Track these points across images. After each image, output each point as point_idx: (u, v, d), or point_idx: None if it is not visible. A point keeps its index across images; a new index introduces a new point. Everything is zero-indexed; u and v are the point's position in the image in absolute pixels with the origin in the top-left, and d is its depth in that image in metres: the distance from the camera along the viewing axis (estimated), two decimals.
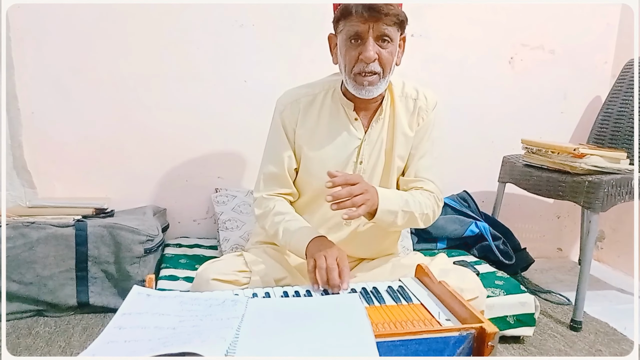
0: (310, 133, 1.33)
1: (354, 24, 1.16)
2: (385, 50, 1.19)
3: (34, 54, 1.89)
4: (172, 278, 1.67)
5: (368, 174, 1.34)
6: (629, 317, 1.90)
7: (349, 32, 1.18)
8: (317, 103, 1.34)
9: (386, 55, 1.19)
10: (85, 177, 2.01)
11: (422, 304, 1.04)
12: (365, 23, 1.15)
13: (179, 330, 0.86)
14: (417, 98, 1.34)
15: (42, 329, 1.62)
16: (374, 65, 1.19)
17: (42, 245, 1.64)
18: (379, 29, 1.16)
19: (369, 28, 1.16)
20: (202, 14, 1.99)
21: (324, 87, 1.35)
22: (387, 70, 1.22)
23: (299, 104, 1.34)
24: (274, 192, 1.37)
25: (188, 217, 2.15)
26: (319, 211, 1.37)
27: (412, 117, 1.34)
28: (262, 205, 1.36)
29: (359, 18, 1.14)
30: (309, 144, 1.33)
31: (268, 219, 1.33)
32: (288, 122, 1.34)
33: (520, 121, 2.37)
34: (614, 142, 2.15)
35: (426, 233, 2.03)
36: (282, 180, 1.36)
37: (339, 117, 1.33)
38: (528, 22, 2.31)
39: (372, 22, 1.15)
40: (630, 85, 2.15)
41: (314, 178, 1.35)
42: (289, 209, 1.34)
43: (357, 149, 1.33)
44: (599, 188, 1.71)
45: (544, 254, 2.54)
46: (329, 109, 1.33)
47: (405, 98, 1.34)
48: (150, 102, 2.01)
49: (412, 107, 1.34)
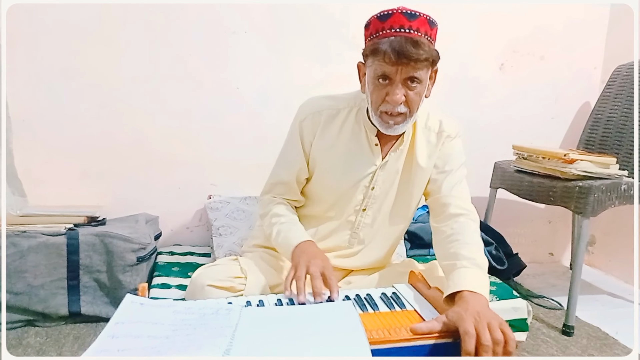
0: (327, 148, 1.30)
1: (382, 65, 1.12)
2: (412, 92, 1.16)
3: (24, 60, 1.88)
4: (165, 286, 1.66)
5: (379, 202, 1.33)
6: (620, 321, 1.91)
7: (377, 72, 1.15)
8: (339, 119, 1.30)
9: (413, 96, 1.16)
10: (76, 185, 1.99)
11: (416, 310, 1.04)
12: (394, 66, 1.12)
13: (173, 339, 0.86)
14: (440, 131, 1.31)
15: (33, 339, 1.61)
16: (400, 107, 1.16)
17: (33, 254, 1.62)
18: (407, 72, 1.13)
19: (397, 71, 1.13)
20: (195, 21, 2.00)
21: (349, 104, 1.31)
22: (413, 110, 1.19)
23: (320, 115, 1.30)
24: (280, 196, 1.37)
25: (181, 225, 2.14)
26: (323, 226, 1.36)
27: (433, 149, 1.31)
28: (265, 206, 1.36)
29: (388, 60, 1.11)
30: (324, 159, 1.31)
31: (266, 219, 1.34)
32: (307, 132, 1.31)
33: (512, 127, 2.39)
34: (604, 147, 2.17)
35: (419, 239, 2.04)
36: (290, 188, 1.36)
37: (359, 139, 1.30)
38: (518, 29, 2.34)
39: (402, 66, 1.12)
40: (619, 90, 2.18)
41: (323, 194, 1.34)
42: (286, 212, 1.33)
43: (371, 174, 1.30)
44: (589, 193, 1.73)
45: (535, 258, 2.56)
46: (350, 127, 1.30)
47: (427, 130, 1.31)
48: (142, 109, 2.01)
49: (435, 140, 1.31)
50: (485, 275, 1.08)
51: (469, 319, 0.90)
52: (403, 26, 1.11)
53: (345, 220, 1.35)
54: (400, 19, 1.11)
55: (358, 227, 1.35)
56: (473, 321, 0.90)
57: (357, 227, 1.35)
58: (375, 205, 1.33)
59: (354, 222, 1.35)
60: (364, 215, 1.34)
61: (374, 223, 1.35)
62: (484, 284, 1.03)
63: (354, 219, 1.35)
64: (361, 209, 1.33)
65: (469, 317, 0.90)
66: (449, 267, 1.10)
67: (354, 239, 1.36)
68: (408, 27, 1.11)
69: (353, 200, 1.32)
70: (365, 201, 1.33)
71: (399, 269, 1.37)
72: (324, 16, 2.10)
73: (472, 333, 0.88)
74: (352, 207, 1.33)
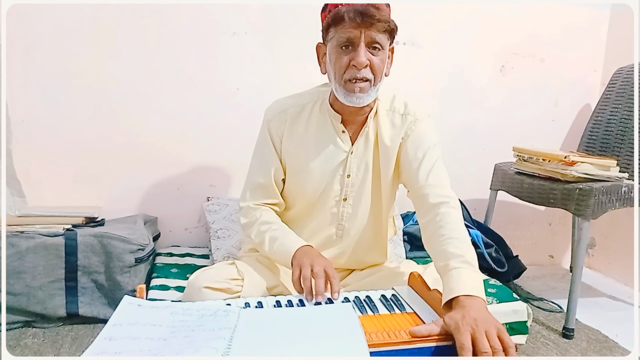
0: (297, 144, 1.32)
1: (345, 30, 1.15)
2: (376, 57, 1.18)
3: (23, 61, 1.87)
4: (163, 288, 1.66)
5: (357, 187, 1.33)
6: (620, 324, 1.91)
7: (340, 39, 1.17)
8: (305, 114, 1.32)
9: (377, 62, 1.18)
10: (75, 185, 1.99)
11: (416, 312, 1.03)
12: (357, 28, 1.14)
13: (171, 341, 0.85)
14: (405, 113, 1.31)
15: (30, 340, 1.60)
16: (365, 71, 1.17)
17: (31, 255, 1.62)
18: (370, 35, 1.15)
19: (361, 34, 1.15)
20: (194, 21, 2.00)
21: (313, 98, 1.34)
22: (377, 78, 1.20)
23: (286, 114, 1.32)
24: (261, 201, 1.36)
25: (179, 226, 2.13)
26: (308, 225, 1.37)
27: (397, 131, 1.30)
28: (249, 214, 1.36)
29: (351, 23, 1.13)
30: (295, 156, 1.32)
31: (254, 228, 1.33)
32: (275, 132, 1.33)
33: (512, 129, 2.38)
34: (604, 150, 2.17)
35: (418, 241, 2.01)
36: (269, 191, 1.36)
37: (326, 129, 1.31)
38: (519, 31, 2.34)
39: (364, 27, 1.14)
40: (620, 93, 2.18)
41: (301, 190, 1.34)
42: (275, 219, 1.34)
43: (343, 162, 1.31)
44: (589, 195, 1.72)
45: (535, 261, 2.55)
46: (316, 120, 1.32)
47: (392, 112, 1.31)
48: (141, 110, 2.00)
49: (399, 122, 1.30)
50: (477, 272, 1.06)
51: (466, 329, 0.88)
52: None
53: (328, 214, 1.35)
54: None
55: (342, 218, 1.35)
56: (470, 330, 0.88)
57: (342, 218, 1.35)
58: (354, 194, 1.33)
59: (337, 214, 1.35)
60: (345, 205, 1.34)
61: (357, 212, 1.35)
62: (478, 284, 1.02)
63: (337, 211, 1.35)
64: (342, 198, 1.34)
65: (465, 326, 0.88)
66: (442, 269, 1.09)
67: (340, 231, 1.37)
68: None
69: (332, 192, 1.33)
70: (343, 190, 1.33)
71: (398, 270, 1.37)
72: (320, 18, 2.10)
73: (468, 347, 0.86)
74: (332, 198, 1.34)
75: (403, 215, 2.19)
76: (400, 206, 2.11)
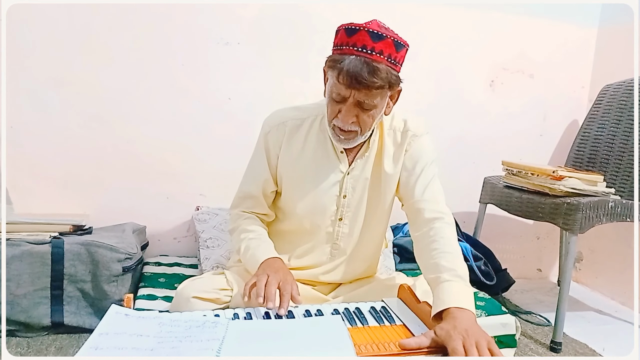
0: (294, 158, 1.30)
1: (337, 85, 1.13)
2: (365, 114, 1.16)
3: (13, 67, 1.86)
4: (151, 297, 1.64)
5: (353, 208, 1.32)
6: (607, 338, 1.92)
7: (332, 89, 1.15)
8: (304, 128, 1.30)
9: (365, 118, 1.16)
10: (63, 193, 1.97)
11: (405, 324, 1.03)
12: (348, 89, 1.12)
13: (158, 352, 0.84)
14: (405, 129, 1.30)
15: (14, 349, 1.57)
16: (352, 126, 1.16)
17: (16, 262, 1.59)
18: (360, 98, 1.12)
19: (350, 94, 1.12)
20: (187, 31, 2.00)
21: (313, 113, 1.31)
22: (365, 129, 1.19)
23: (285, 126, 1.30)
24: (249, 210, 1.36)
25: (168, 235, 2.12)
26: (303, 243, 1.35)
27: (399, 149, 1.30)
28: (235, 221, 1.36)
29: (344, 81, 1.10)
30: (292, 169, 1.31)
31: (235, 235, 1.33)
32: (272, 145, 1.31)
33: (501, 143, 2.41)
34: (591, 165, 2.20)
35: (408, 253, 2.03)
36: (257, 201, 1.36)
37: (325, 147, 1.29)
38: (509, 48, 2.37)
39: (355, 90, 1.11)
40: (606, 110, 2.21)
41: (295, 206, 1.32)
42: (256, 228, 1.32)
43: (339, 182, 1.30)
44: (577, 210, 1.74)
45: (524, 274, 2.57)
46: (315, 136, 1.29)
47: (393, 131, 1.30)
48: (131, 118, 2.00)
49: (400, 139, 1.30)
50: (469, 286, 1.07)
51: (457, 337, 0.89)
52: (366, 46, 1.10)
53: (324, 233, 1.34)
54: (365, 38, 1.10)
55: (338, 238, 1.34)
56: (461, 339, 0.89)
57: (337, 238, 1.34)
58: (350, 214, 1.33)
59: (332, 233, 1.34)
60: (341, 225, 1.33)
61: (353, 232, 1.34)
62: (469, 297, 1.03)
63: (332, 230, 1.34)
64: (337, 218, 1.33)
65: (457, 335, 0.90)
66: (433, 281, 1.09)
67: (335, 251, 1.36)
68: (371, 49, 1.10)
69: (327, 211, 1.32)
70: (339, 210, 1.32)
71: (388, 282, 1.36)
72: (313, 28, 2.11)
73: (460, 351, 0.87)
74: (328, 217, 1.32)
75: (393, 227, 2.19)
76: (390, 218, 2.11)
